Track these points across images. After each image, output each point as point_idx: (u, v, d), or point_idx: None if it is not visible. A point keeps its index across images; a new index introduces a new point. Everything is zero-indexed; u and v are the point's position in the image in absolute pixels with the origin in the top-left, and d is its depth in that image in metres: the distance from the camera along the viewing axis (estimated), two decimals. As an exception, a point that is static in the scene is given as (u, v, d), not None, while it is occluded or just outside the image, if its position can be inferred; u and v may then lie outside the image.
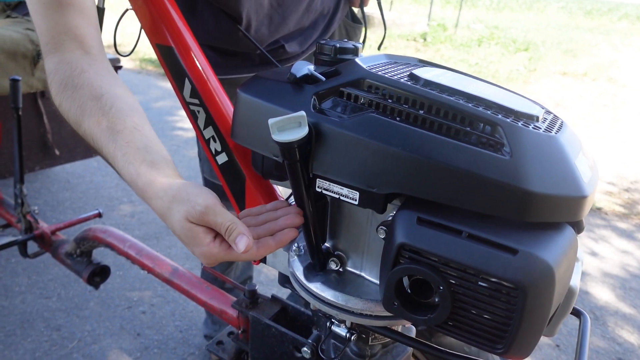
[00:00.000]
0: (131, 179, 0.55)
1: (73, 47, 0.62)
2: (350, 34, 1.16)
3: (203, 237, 0.51)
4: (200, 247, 0.51)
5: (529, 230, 0.44)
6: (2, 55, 1.36)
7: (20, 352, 1.45)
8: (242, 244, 0.50)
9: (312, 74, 0.55)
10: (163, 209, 0.52)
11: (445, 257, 0.44)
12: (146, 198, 0.54)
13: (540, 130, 0.47)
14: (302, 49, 1.06)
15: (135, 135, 0.56)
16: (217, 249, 0.51)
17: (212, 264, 0.53)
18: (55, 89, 0.60)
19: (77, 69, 0.60)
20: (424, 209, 0.47)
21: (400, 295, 0.48)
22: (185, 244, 0.53)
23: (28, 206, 1.34)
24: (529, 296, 0.41)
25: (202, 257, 0.52)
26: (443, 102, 0.48)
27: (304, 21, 1.02)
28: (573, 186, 0.45)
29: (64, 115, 0.61)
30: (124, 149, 0.55)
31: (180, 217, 0.50)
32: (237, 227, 0.50)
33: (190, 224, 0.50)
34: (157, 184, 0.53)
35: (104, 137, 0.56)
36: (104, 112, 0.57)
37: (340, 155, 0.50)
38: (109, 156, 0.56)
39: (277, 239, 0.54)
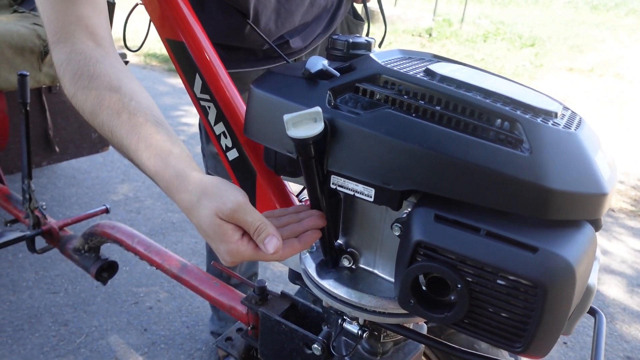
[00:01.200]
0: (157, 170, 0.53)
1: (84, 38, 0.61)
2: (352, 30, 1.15)
3: (231, 235, 0.50)
4: (228, 245, 0.50)
5: (548, 228, 0.43)
6: (10, 51, 1.36)
7: (29, 347, 1.46)
8: (272, 246, 0.49)
9: (327, 69, 0.54)
10: (191, 203, 0.51)
11: (463, 255, 0.43)
12: (172, 191, 0.53)
13: (560, 127, 0.47)
14: (305, 44, 1.05)
15: (159, 129, 0.56)
16: (245, 247, 0.50)
17: (236, 262, 0.52)
18: (68, 79, 0.59)
19: (92, 59, 0.59)
20: (441, 206, 0.46)
21: (417, 293, 0.47)
22: (210, 240, 0.51)
23: (36, 202, 1.34)
24: (549, 295, 0.40)
25: (227, 254, 0.51)
26: (460, 97, 0.47)
27: (308, 16, 1.02)
28: (593, 183, 0.44)
29: (77, 106, 0.59)
30: (148, 141, 0.54)
31: (209, 213, 0.50)
32: (267, 227, 0.50)
33: (219, 220, 0.49)
34: (187, 178, 0.52)
35: (124, 128, 0.55)
36: (124, 104, 0.56)
37: (355, 151, 0.50)
38: (130, 149, 0.55)
39: (302, 240, 0.54)
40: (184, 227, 2.17)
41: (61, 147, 1.78)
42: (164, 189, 0.54)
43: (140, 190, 2.46)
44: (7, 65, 1.37)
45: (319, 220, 0.55)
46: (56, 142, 1.74)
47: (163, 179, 0.53)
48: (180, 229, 2.16)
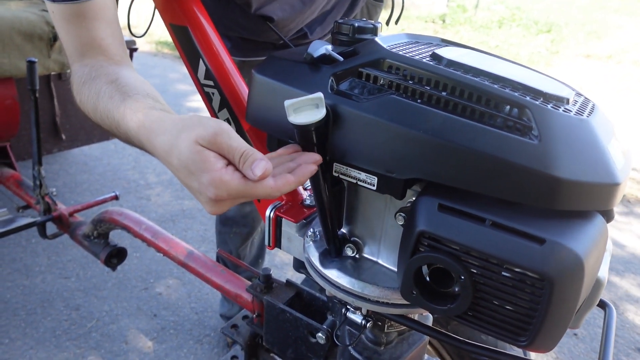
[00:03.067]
0: (138, 124, 0.51)
1: (95, 54, 0.63)
2: (372, 12, 1.13)
3: (214, 162, 0.44)
4: (211, 174, 0.44)
5: (557, 219, 0.42)
6: (19, 37, 1.36)
7: (41, 331, 1.48)
8: (259, 169, 0.44)
9: (330, 53, 0.53)
10: (170, 142, 0.47)
11: (468, 246, 0.42)
12: (151, 138, 0.49)
13: (571, 114, 0.45)
14: (324, 33, 1.04)
15: (146, 97, 0.55)
16: (230, 176, 0.44)
17: (221, 201, 0.46)
18: (76, 88, 0.61)
19: (96, 66, 0.61)
20: (446, 196, 0.45)
21: (419, 283, 0.46)
22: (191, 176, 0.46)
23: (46, 188, 1.35)
24: (555, 288, 0.39)
25: (211, 186, 0.44)
26: (467, 83, 0.45)
27: (328, 5, 1.00)
28: (605, 173, 0.42)
29: (83, 109, 0.61)
30: (133, 105, 0.53)
31: (189, 142, 0.45)
32: (254, 153, 0.45)
33: (200, 147, 0.45)
34: (166, 119, 0.49)
35: (114, 105, 0.55)
36: (118, 89, 0.57)
37: (358, 138, 0.48)
38: (119, 121, 0.54)
39: (296, 174, 0.47)
40: (194, 214, 2.18)
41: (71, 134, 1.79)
42: (145, 141, 0.50)
43: (150, 177, 2.48)
44: (17, 52, 1.37)
45: (313, 156, 0.49)
46: (66, 129, 1.75)
47: (144, 128, 0.50)
48: (190, 216, 2.17)
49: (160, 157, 0.49)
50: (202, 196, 0.46)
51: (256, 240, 1.41)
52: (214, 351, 1.46)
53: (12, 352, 1.40)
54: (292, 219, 0.69)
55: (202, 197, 0.46)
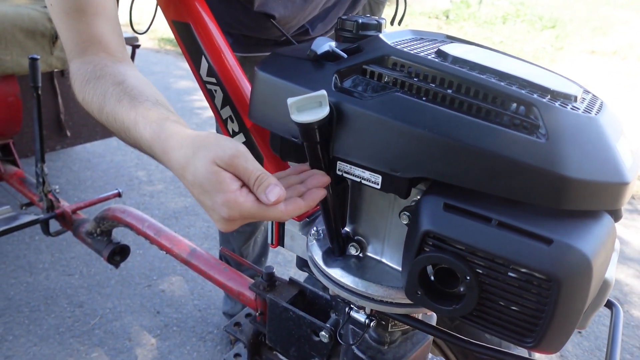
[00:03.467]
0: (153, 136, 0.52)
1: (97, 51, 0.62)
2: (374, 10, 1.13)
3: (229, 183, 0.46)
4: (225, 195, 0.46)
5: (564, 219, 0.41)
6: (21, 34, 1.36)
7: (45, 327, 1.49)
8: (274, 195, 0.45)
9: (334, 50, 0.52)
10: (186, 158, 0.48)
11: (473, 246, 0.41)
12: (168, 151, 0.50)
13: (579, 111, 0.44)
14: (325, 29, 1.03)
15: (157, 106, 0.55)
16: (244, 198, 0.46)
17: (233, 221, 0.47)
18: (78, 86, 0.60)
19: (100, 65, 0.60)
20: (451, 195, 0.44)
21: (424, 284, 0.46)
22: (206, 194, 0.47)
23: (49, 185, 1.35)
24: (563, 289, 0.38)
25: (224, 206, 0.46)
26: (473, 80, 0.45)
27: (329, 2, 0.99)
28: (613, 172, 0.42)
29: (87, 108, 0.61)
30: (146, 114, 0.53)
31: (206, 162, 0.46)
32: (269, 177, 0.47)
33: (217, 167, 0.46)
34: (183, 134, 0.50)
35: (125, 109, 0.55)
36: (126, 92, 0.56)
37: (362, 136, 0.48)
38: (130, 126, 0.54)
39: (307, 198, 0.49)
40: (196, 211, 2.18)
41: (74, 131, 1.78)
42: (160, 153, 0.51)
43: (153, 174, 2.48)
44: (19, 49, 1.37)
45: (323, 178, 0.51)
46: (69, 126, 1.75)
47: (159, 140, 0.51)
48: (193, 213, 2.17)
49: (175, 171, 0.50)
50: (214, 214, 0.48)
51: (259, 239, 1.41)
52: (217, 348, 1.46)
53: (16, 349, 1.40)
54: (296, 218, 0.68)
55: (214, 215, 0.48)
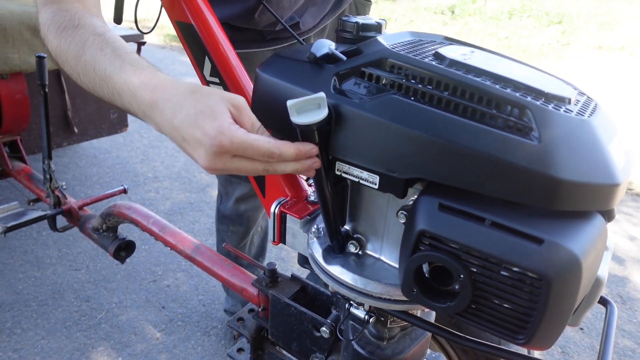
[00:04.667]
0: (144, 81, 0.52)
1: (72, 1, 0.62)
2: (360, 10, 1.14)
3: (227, 116, 0.48)
4: (219, 121, 0.47)
5: (556, 219, 0.42)
6: (28, 32, 1.38)
7: (52, 321, 1.51)
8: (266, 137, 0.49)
9: (333, 53, 0.53)
10: (191, 88, 0.50)
11: (467, 245, 0.42)
12: (162, 90, 0.51)
13: (572, 114, 0.45)
14: (314, 22, 1.04)
15: (145, 61, 0.56)
16: (237, 127, 0.48)
17: (220, 154, 0.47)
18: (52, 33, 0.59)
19: (77, 15, 0.60)
20: (446, 195, 0.45)
21: (420, 281, 0.47)
22: (195, 124, 0.47)
23: (56, 182, 1.37)
24: (553, 287, 0.39)
25: (216, 132, 0.46)
26: (469, 83, 0.46)
27: None
28: (605, 173, 0.43)
29: (60, 55, 0.59)
30: (135, 63, 0.54)
31: (216, 96, 0.49)
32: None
33: (223, 102, 0.49)
34: (183, 81, 0.52)
35: (108, 57, 0.55)
36: (107, 43, 0.57)
37: (360, 138, 0.49)
38: (113, 76, 0.54)
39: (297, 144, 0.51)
40: (201, 207, 2.20)
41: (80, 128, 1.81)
42: (147, 95, 0.51)
43: (159, 170, 2.50)
44: (26, 47, 1.38)
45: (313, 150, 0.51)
46: (75, 123, 1.77)
47: (150, 84, 0.51)
48: (197, 209, 2.19)
49: (163, 109, 0.50)
50: (202, 147, 0.47)
51: (256, 240, 1.43)
52: (220, 343, 1.48)
53: (24, 342, 1.43)
54: (297, 215, 0.70)
55: (201, 148, 0.48)
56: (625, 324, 1.70)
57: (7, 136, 1.59)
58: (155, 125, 0.52)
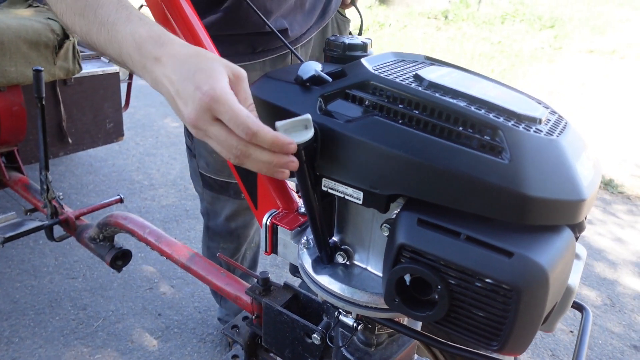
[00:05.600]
0: (150, 34, 0.53)
1: None
2: (341, 27, 1.19)
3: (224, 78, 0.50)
4: (215, 80, 0.48)
5: (526, 233, 0.45)
6: (25, 46, 1.40)
7: (49, 330, 1.53)
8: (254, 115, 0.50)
9: (319, 75, 0.56)
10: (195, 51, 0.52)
11: (444, 258, 0.45)
12: (169, 45, 0.52)
13: (542, 134, 0.48)
14: (302, 31, 1.06)
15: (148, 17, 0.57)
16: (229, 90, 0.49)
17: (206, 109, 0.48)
18: None
19: None
20: (425, 211, 0.48)
21: (401, 292, 0.50)
22: (190, 78, 0.49)
23: (53, 192, 1.39)
24: (522, 298, 0.42)
25: (207, 86, 0.48)
26: (445, 105, 0.49)
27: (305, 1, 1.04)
28: (571, 190, 0.46)
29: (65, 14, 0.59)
30: (142, 18, 0.55)
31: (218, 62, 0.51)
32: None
33: (224, 67, 0.50)
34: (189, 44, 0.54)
35: (112, 5, 0.56)
36: None
37: (344, 157, 0.52)
38: (116, 23, 0.55)
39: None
40: (196, 214, 2.22)
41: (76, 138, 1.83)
42: (152, 45, 0.52)
43: (154, 178, 2.52)
44: (23, 60, 1.41)
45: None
46: (71, 134, 1.80)
47: (159, 40, 0.53)
48: (193, 216, 2.21)
49: (166, 63, 0.51)
50: (191, 100, 0.48)
51: (248, 254, 1.44)
52: (216, 349, 1.50)
53: (22, 351, 1.45)
54: (287, 227, 0.72)
55: (190, 102, 0.48)
56: (615, 327, 1.74)
57: (4, 147, 1.61)
58: (151, 80, 0.53)
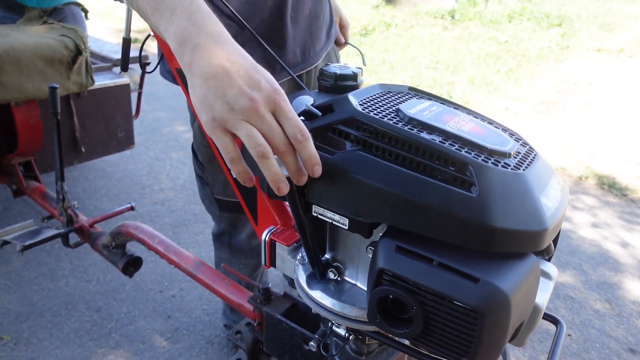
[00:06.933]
0: (213, 17, 0.57)
1: None
2: (334, 56, 1.22)
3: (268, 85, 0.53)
4: (267, 76, 0.53)
5: (492, 260, 0.50)
6: (41, 62, 1.48)
7: (65, 331, 1.61)
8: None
9: (310, 110, 0.62)
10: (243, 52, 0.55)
11: (418, 283, 0.50)
12: (227, 33, 0.56)
13: (509, 168, 0.53)
14: (316, 54, 1.10)
15: None
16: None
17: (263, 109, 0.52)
18: None
19: None
20: (403, 238, 0.53)
21: (383, 309, 0.55)
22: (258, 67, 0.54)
23: (69, 201, 1.47)
24: (486, 319, 0.47)
25: (275, 86, 0.53)
26: (421, 141, 0.54)
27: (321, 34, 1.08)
28: (534, 221, 0.50)
29: None
30: None
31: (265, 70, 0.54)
32: None
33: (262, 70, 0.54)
34: None
35: None
36: None
37: (332, 187, 0.57)
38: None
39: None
40: (205, 218, 2.29)
41: (89, 147, 1.90)
42: (217, 28, 0.56)
43: (164, 182, 2.59)
44: (39, 76, 1.48)
45: None
46: (84, 143, 1.87)
47: (219, 22, 0.56)
48: (202, 220, 2.28)
49: (226, 42, 0.55)
50: (257, 87, 0.52)
51: (267, 272, 1.48)
52: (223, 351, 1.57)
53: (40, 352, 1.52)
54: (285, 243, 0.78)
55: (257, 89, 0.52)
56: (613, 330, 1.77)
57: (22, 157, 1.69)
58: (192, 55, 0.55)
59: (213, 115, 0.54)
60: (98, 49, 2.11)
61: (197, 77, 0.55)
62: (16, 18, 1.69)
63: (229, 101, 0.52)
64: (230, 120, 0.53)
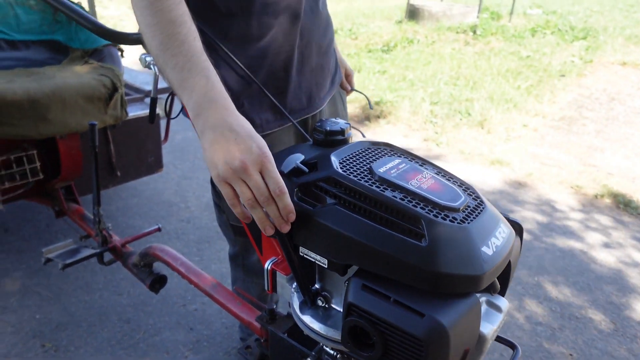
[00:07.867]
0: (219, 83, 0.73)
1: None
2: (343, 97, 1.33)
3: (264, 146, 0.68)
4: (259, 141, 0.68)
5: (438, 299, 0.62)
6: (82, 100, 1.67)
7: (99, 340, 1.78)
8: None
9: (298, 167, 0.75)
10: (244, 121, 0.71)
11: (378, 316, 0.62)
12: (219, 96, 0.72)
13: (455, 222, 0.64)
14: (323, 105, 1.21)
15: None
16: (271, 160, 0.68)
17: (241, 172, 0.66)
18: None
19: None
20: (369, 278, 0.65)
21: (352, 337, 0.67)
22: (255, 135, 0.69)
23: (104, 223, 1.65)
24: (429, 348, 0.59)
25: (264, 149, 0.68)
26: (384, 200, 0.66)
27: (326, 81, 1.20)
28: (473, 267, 0.62)
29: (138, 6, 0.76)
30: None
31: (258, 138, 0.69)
32: None
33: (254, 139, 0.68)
34: None
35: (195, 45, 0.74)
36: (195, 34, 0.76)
37: (313, 234, 0.70)
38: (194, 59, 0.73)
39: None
40: (227, 235, 2.45)
41: (123, 172, 2.10)
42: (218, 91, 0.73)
43: (190, 200, 2.77)
44: (80, 112, 1.67)
45: None
46: (119, 167, 2.07)
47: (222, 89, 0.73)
48: (224, 238, 2.42)
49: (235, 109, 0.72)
50: (248, 151, 0.67)
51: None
52: (240, 362, 1.70)
53: (77, 359, 1.70)
54: (284, 272, 0.91)
55: (247, 151, 0.67)
56: (615, 350, 1.82)
57: (64, 182, 1.89)
58: (204, 125, 0.71)
59: (217, 172, 0.69)
60: (132, 79, 2.32)
61: (207, 142, 0.70)
62: (61, 58, 1.90)
63: (227, 162, 0.68)
64: (229, 177, 0.69)
